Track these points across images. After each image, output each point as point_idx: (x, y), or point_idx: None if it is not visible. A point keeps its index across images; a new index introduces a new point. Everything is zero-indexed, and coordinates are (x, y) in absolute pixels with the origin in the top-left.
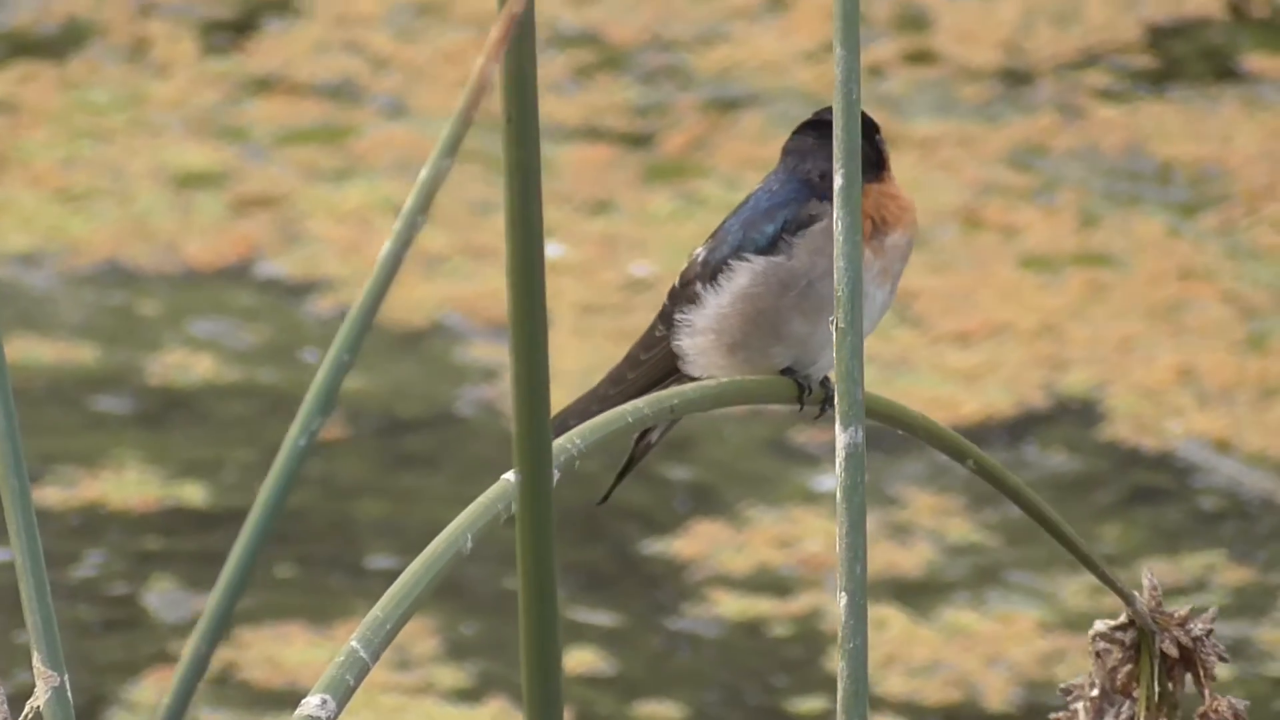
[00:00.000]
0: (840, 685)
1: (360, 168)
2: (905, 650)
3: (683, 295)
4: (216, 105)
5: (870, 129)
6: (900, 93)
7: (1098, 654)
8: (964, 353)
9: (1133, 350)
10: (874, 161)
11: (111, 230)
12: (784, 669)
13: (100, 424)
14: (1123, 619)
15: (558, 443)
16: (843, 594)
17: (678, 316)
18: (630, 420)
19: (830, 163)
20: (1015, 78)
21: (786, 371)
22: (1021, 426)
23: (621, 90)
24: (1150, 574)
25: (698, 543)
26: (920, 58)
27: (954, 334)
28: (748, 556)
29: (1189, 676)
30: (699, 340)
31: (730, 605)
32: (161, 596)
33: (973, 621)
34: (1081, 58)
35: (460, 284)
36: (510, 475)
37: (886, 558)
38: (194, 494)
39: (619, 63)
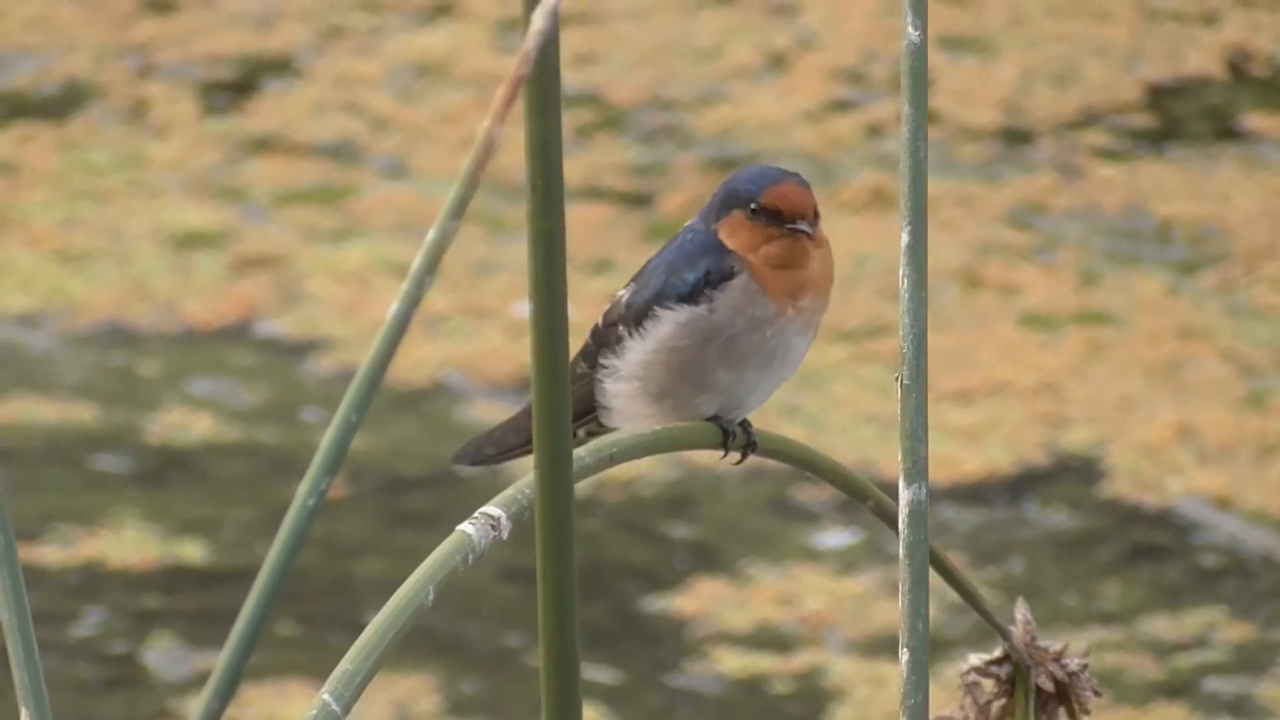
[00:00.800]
0: None
1: (360, 228)
2: None
3: (606, 336)
4: (216, 166)
5: (743, 193)
6: (899, 153)
7: (968, 687)
8: (964, 411)
9: (1133, 409)
10: (719, 215)
11: (111, 291)
12: None
13: (99, 483)
14: (998, 653)
15: (506, 493)
16: (904, 650)
17: (603, 360)
18: (574, 469)
19: (713, 206)
20: (1015, 137)
21: (713, 418)
22: (1022, 484)
23: (621, 150)
24: (1023, 607)
25: (699, 600)
26: None
27: (954, 392)
28: (749, 614)
29: (1063, 712)
30: (624, 387)
31: (731, 662)
32: (161, 655)
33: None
34: (1081, 117)
35: (461, 344)
36: (465, 527)
37: (887, 615)
38: (193, 552)
39: (619, 123)
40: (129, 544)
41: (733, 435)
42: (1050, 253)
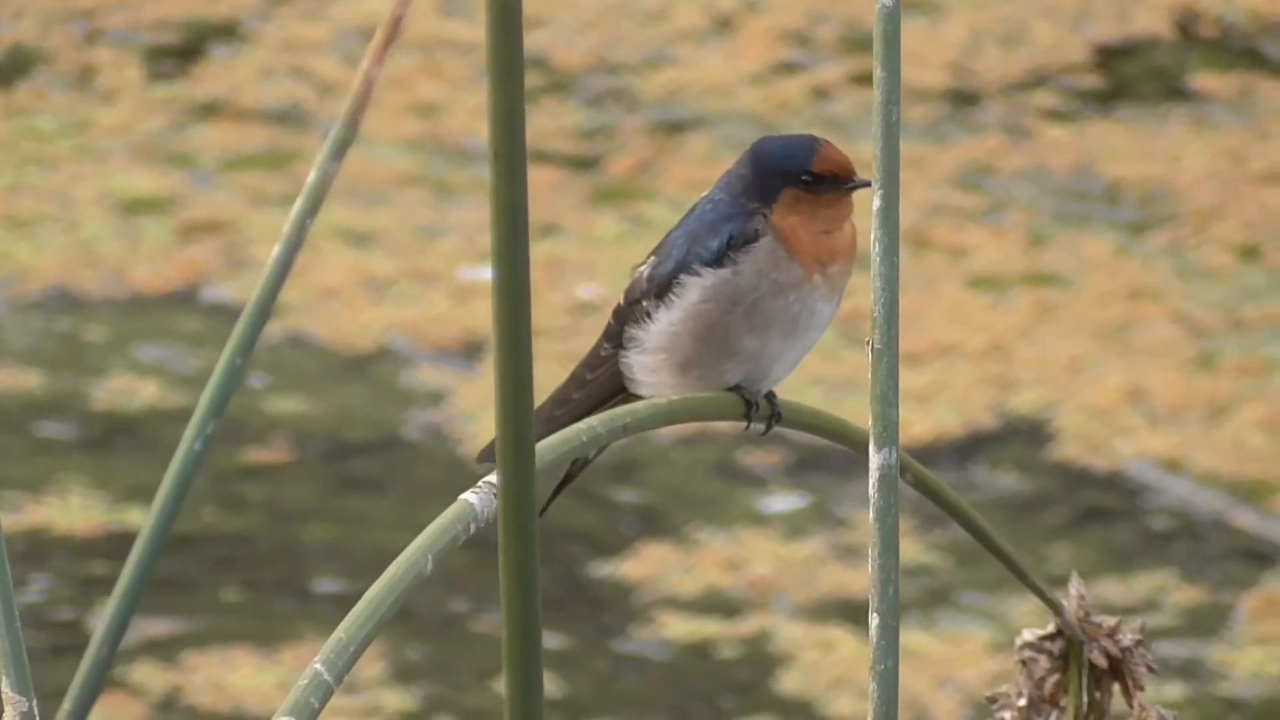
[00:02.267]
0: (871, 707)
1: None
2: (855, 672)
3: (630, 314)
4: (162, 131)
5: (789, 165)
6: (847, 114)
7: (1024, 663)
8: (913, 373)
9: (1082, 370)
10: (770, 193)
11: (58, 257)
12: (732, 691)
13: (45, 449)
14: (1051, 629)
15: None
16: (874, 615)
17: (627, 335)
18: (585, 439)
19: (740, 187)
20: (963, 99)
21: (735, 389)
22: (970, 447)
23: (568, 113)
24: (1078, 583)
25: (645, 565)
26: (867, 79)
27: (903, 355)
28: (696, 579)
29: (1117, 687)
30: (649, 359)
31: (678, 627)
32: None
33: (923, 643)
34: (1029, 78)
35: (407, 308)
36: (468, 495)
37: (835, 579)
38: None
39: (565, 86)
40: (75, 510)
41: (756, 405)
42: (999, 214)
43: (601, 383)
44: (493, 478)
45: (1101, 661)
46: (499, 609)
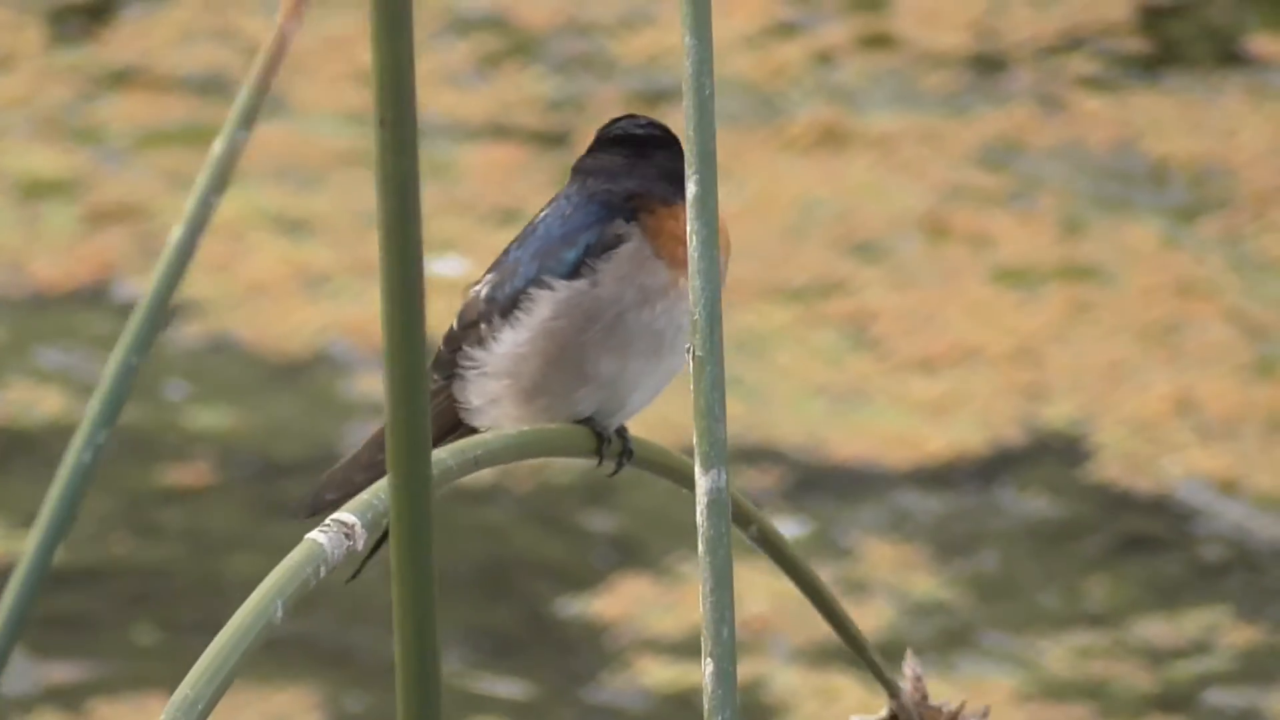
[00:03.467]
0: None
1: (231, 174)
2: None
3: (465, 338)
4: (67, 103)
5: (675, 140)
6: (854, 83)
7: None
8: (929, 381)
9: (1123, 378)
10: (675, 176)
11: None
12: None
13: None
14: (884, 714)
15: (362, 498)
16: (708, 660)
17: (464, 357)
18: (434, 474)
19: (637, 182)
20: (987, 64)
21: (585, 421)
22: (996, 466)
23: (533, 82)
24: (913, 662)
25: (621, 602)
26: (877, 42)
27: (917, 360)
28: (678, 618)
29: None
30: (491, 386)
31: (658, 674)
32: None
33: (940, 691)
34: (1063, 41)
35: (347, 307)
36: (315, 535)
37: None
38: None
39: (530, 50)
40: None
41: (608, 440)
42: (1028, 198)
43: (434, 418)
44: (341, 515)
45: None
46: (454, 653)
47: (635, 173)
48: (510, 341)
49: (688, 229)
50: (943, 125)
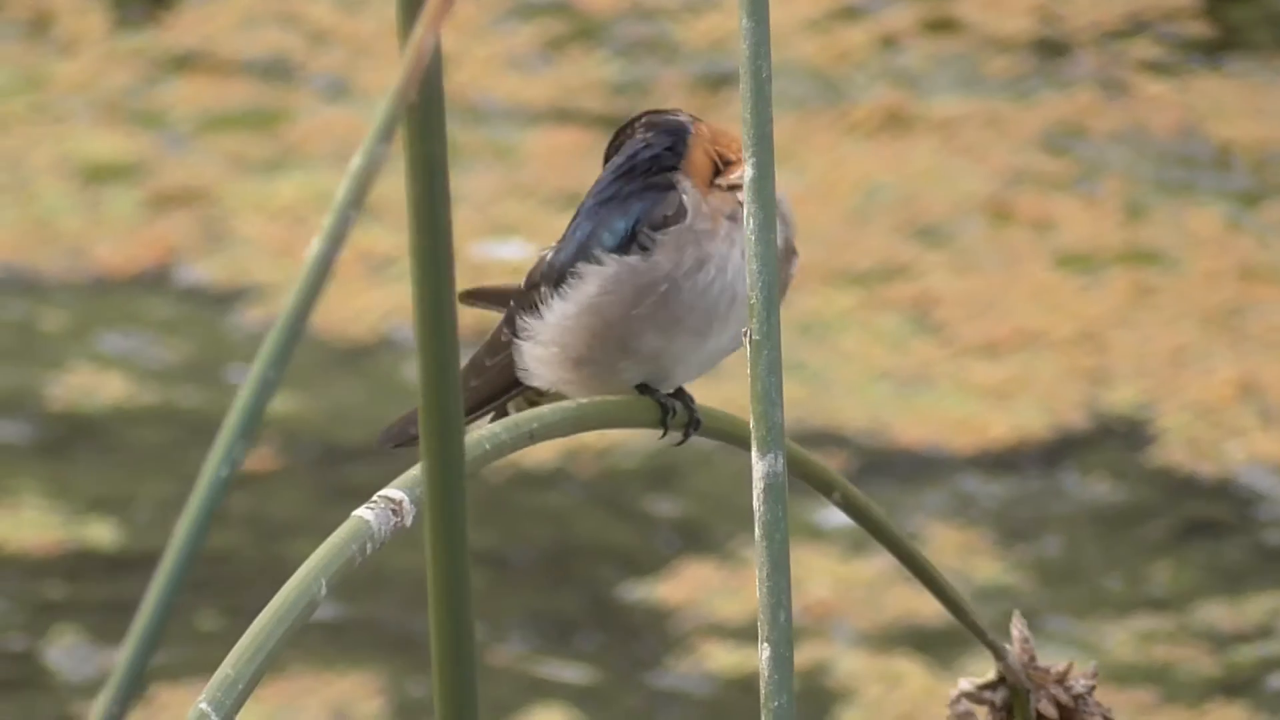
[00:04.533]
0: None
1: (295, 158)
2: (925, 709)
3: (527, 299)
4: (129, 87)
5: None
6: (918, 67)
7: (959, 717)
8: (992, 366)
9: (1187, 362)
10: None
11: (8, 232)
12: None
13: None
14: (992, 676)
15: (410, 474)
16: (764, 645)
17: (520, 324)
18: (488, 448)
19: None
20: (1050, 49)
21: (644, 389)
22: (1059, 451)
23: (597, 66)
24: (1020, 623)
25: (685, 586)
26: (941, 26)
27: (980, 344)
28: (742, 602)
29: None
30: (541, 351)
31: (722, 658)
32: (64, 652)
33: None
34: (1127, 25)
35: (410, 291)
36: (362, 512)
37: (903, 604)
38: (102, 534)
39: (594, 34)
40: (27, 525)
41: (672, 411)
42: (1091, 182)
43: (501, 369)
44: (389, 491)
45: (1051, 712)
46: (520, 637)
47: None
48: (558, 312)
49: (745, 213)
50: (1006, 109)
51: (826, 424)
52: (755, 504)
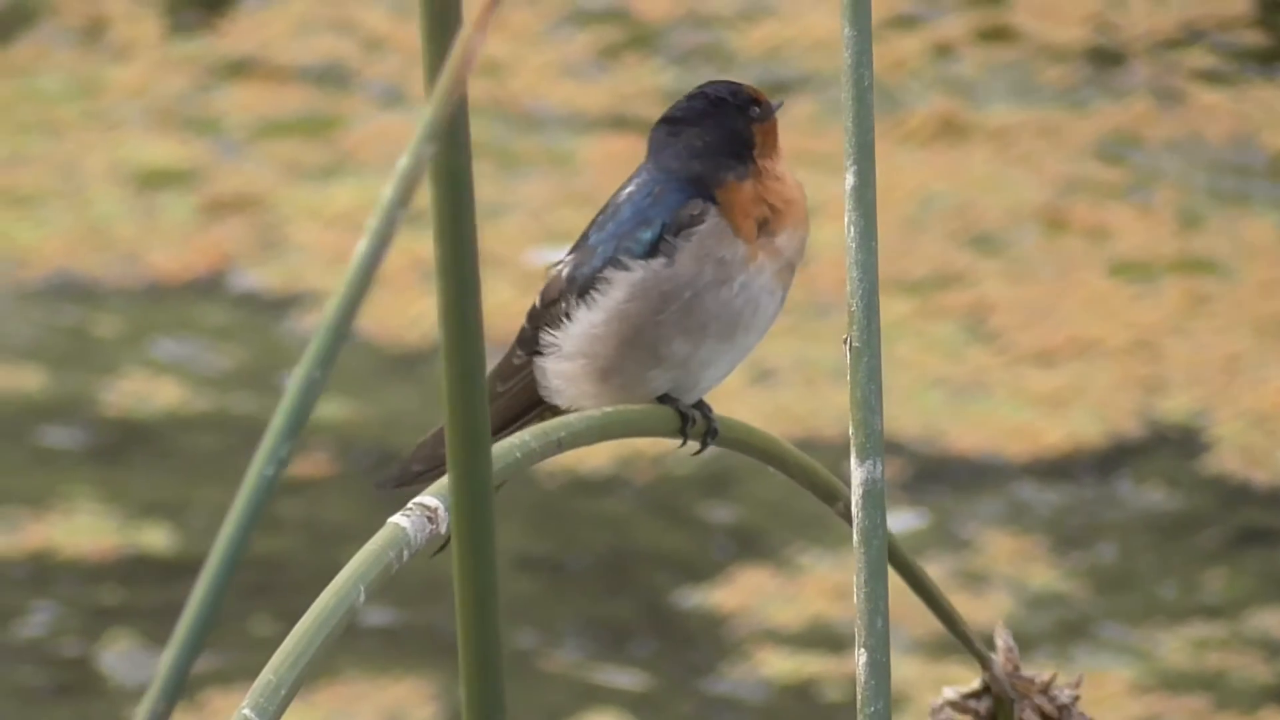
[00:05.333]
0: None
1: (349, 164)
2: None
3: (545, 316)
4: (184, 94)
5: (746, 102)
6: (973, 76)
7: None
8: (1046, 374)
9: (1241, 371)
10: (748, 143)
11: (63, 238)
12: None
13: (49, 460)
14: (976, 685)
15: (443, 481)
16: (861, 651)
17: (543, 340)
18: (519, 455)
19: (700, 162)
20: (1105, 58)
21: (665, 399)
22: (1113, 459)
23: (652, 74)
24: (1005, 633)
25: (740, 593)
26: (996, 35)
27: (1035, 352)
28: (798, 609)
29: None
30: (566, 366)
31: (777, 665)
32: (119, 657)
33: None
34: (1181, 34)
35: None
36: (398, 519)
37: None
38: (157, 540)
39: (649, 42)
40: (83, 530)
41: (691, 420)
42: (1146, 191)
43: (515, 395)
44: (424, 499)
45: None
46: (575, 644)
47: (698, 143)
48: (585, 322)
49: (846, 220)
50: (1061, 118)
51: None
52: (854, 510)
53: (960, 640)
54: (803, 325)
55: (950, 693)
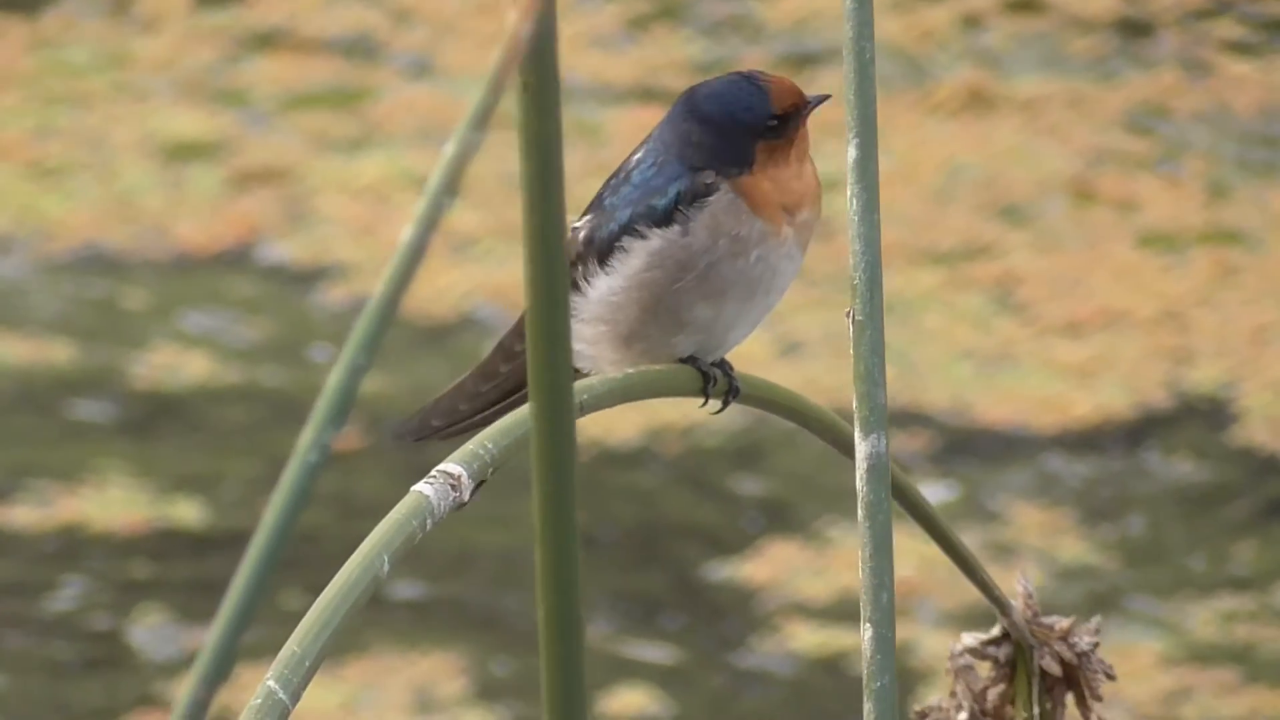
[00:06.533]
0: None
1: (378, 136)
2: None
3: None
4: (212, 65)
5: (762, 119)
6: (1001, 47)
7: (959, 671)
8: (1075, 345)
9: (1270, 341)
10: (747, 160)
11: (91, 210)
12: None
13: (78, 433)
14: (995, 632)
15: (467, 448)
16: (866, 626)
17: None
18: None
19: (696, 146)
20: (1133, 29)
21: (690, 360)
22: (1142, 430)
23: (681, 44)
24: (1025, 579)
25: (770, 566)
26: (1024, 6)
27: (1063, 324)
28: (828, 581)
29: (1071, 697)
30: (587, 330)
31: (807, 638)
32: (149, 631)
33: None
34: (1210, 4)
35: (493, 270)
36: (421, 487)
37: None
38: (187, 513)
39: (677, 12)
40: (113, 504)
41: (713, 380)
42: (1174, 162)
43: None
44: (446, 466)
45: (1054, 669)
46: (605, 617)
47: (685, 143)
48: (605, 289)
49: (848, 193)
50: (1089, 89)
51: (910, 403)
52: (858, 485)
53: (978, 587)
54: (830, 297)
55: (969, 639)
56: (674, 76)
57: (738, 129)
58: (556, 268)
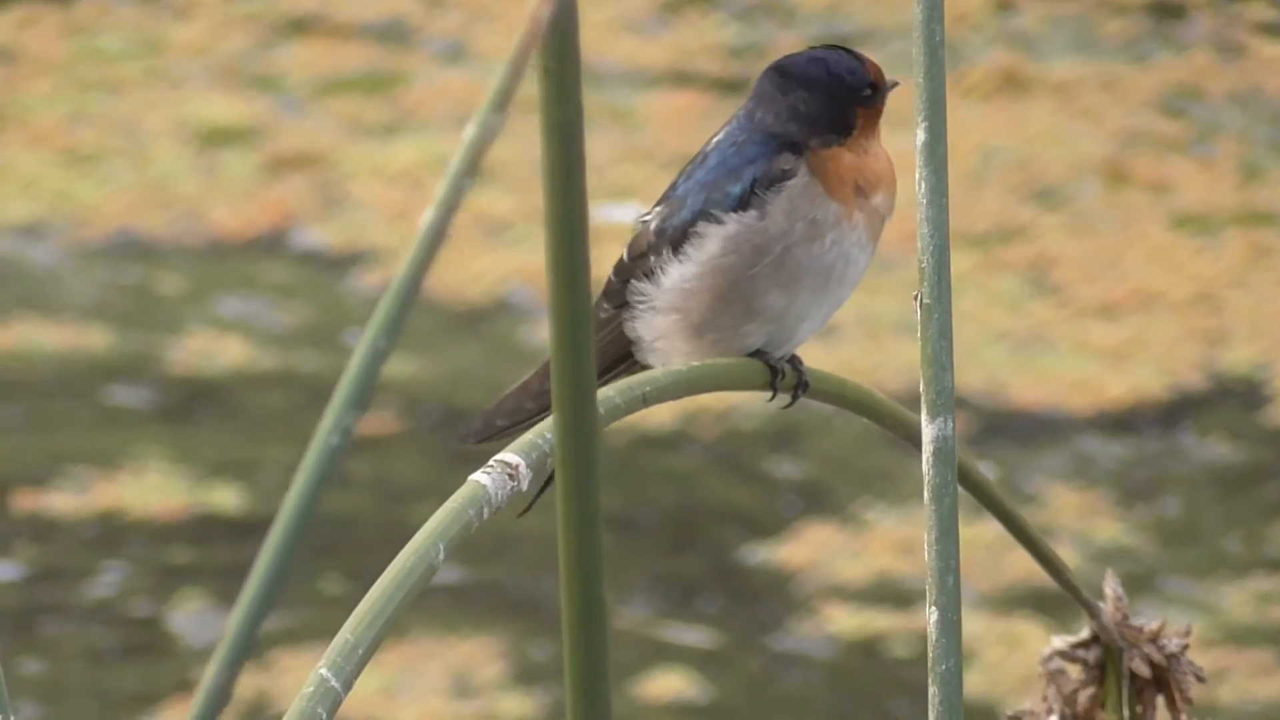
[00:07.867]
0: (932, 714)
1: (411, 121)
2: None
3: (633, 270)
4: (246, 51)
5: (861, 84)
6: (1034, 29)
7: (1050, 675)
8: (1109, 327)
9: None
10: (849, 125)
11: (125, 196)
12: (905, 693)
13: (116, 419)
14: (1085, 634)
15: (525, 438)
16: (933, 609)
17: (633, 292)
18: (602, 412)
19: (797, 126)
20: (1166, 11)
21: (757, 354)
22: (1176, 411)
23: (714, 29)
24: (1114, 581)
25: (807, 549)
26: None
27: (1098, 305)
28: (864, 564)
29: (1162, 700)
30: (659, 321)
31: (844, 621)
32: (188, 617)
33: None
34: None
35: (527, 254)
36: (479, 476)
37: (1024, 565)
38: (225, 499)
39: None
40: (151, 490)
41: (781, 373)
42: (1207, 144)
43: (602, 349)
44: (505, 455)
45: (1144, 671)
46: (643, 600)
47: (793, 98)
48: (678, 276)
49: (916, 176)
50: (1122, 72)
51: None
52: (924, 468)
53: (1065, 588)
54: (866, 280)
55: (1059, 642)
56: (707, 61)
57: (842, 91)
58: (578, 252)
